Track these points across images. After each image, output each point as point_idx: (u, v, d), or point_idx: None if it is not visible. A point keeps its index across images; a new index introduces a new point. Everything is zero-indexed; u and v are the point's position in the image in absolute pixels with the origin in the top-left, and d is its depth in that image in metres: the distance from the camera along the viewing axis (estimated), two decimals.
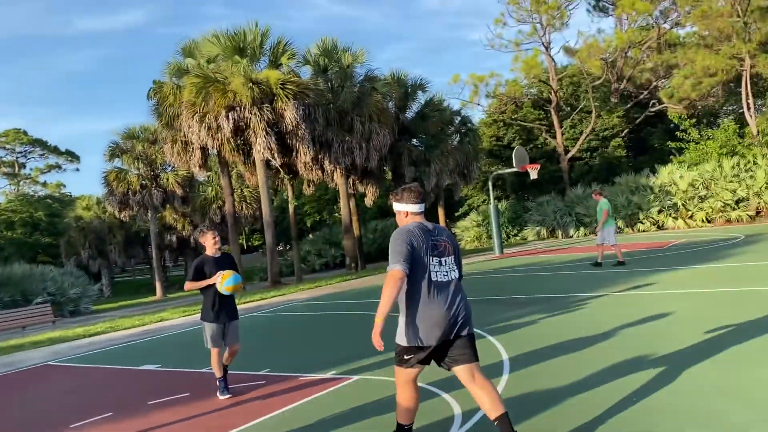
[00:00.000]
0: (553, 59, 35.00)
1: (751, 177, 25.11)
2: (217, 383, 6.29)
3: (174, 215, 36.81)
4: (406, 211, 4.01)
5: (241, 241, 44.51)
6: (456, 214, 39.33)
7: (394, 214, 21.88)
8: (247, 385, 6.61)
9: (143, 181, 30.84)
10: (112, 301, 31.54)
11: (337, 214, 39.47)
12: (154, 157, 30.76)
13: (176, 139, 21.49)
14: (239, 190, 34.34)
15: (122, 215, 32.38)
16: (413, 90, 26.22)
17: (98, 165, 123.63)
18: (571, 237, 28.89)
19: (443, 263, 3.84)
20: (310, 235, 40.18)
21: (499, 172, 30.47)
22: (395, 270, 3.67)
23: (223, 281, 6.06)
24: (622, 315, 8.24)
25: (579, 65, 34.55)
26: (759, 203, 25.06)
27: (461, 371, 3.83)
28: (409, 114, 26.63)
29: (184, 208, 34.92)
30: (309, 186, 26.18)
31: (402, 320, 3.87)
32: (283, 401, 5.85)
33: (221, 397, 6.15)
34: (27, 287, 22.35)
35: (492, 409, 3.78)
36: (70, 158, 62.15)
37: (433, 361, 3.90)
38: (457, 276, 3.91)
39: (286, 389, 6.32)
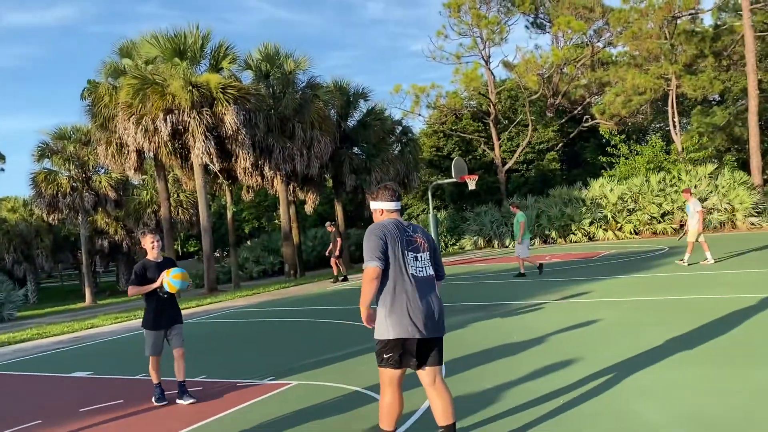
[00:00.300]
0: (492, 73, 35.97)
1: (675, 191, 26.44)
2: (154, 390, 6.19)
3: (106, 219, 35.68)
4: (381, 209, 4.04)
5: (176, 247, 43.38)
6: None
7: (332, 222, 21.82)
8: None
9: (74, 183, 29.76)
10: (39, 308, 30.18)
11: (276, 221, 39.14)
12: (86, 158, 29.71)
13: (111, 141, 20.89)
14: (175, 195, 33.59)
15: (51, 218, 31.11)
16: (355, 98, 26.40)
17: (24, 165, 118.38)
18: (507, 247, 29.64)
19: (419, 258, 3.89)
20: (249, 242, 39.71)
21: (439, 182, 30.98)
22: (370, 267, 3.74)
23: (169, 274, 5.96)
24: (554, 322, 8.59)
25: (517, 79, 35.62)
26: (683, 217, 26.44)
27: (426, 373, 3.88)
28: (351, 122, 26.78)
29: (117, 212, 33.89)
30: (248, 192, 25.91)
31: (381, 313, 3.85)
32: (220, 407, 5.83)
33: (156, 403, 6.06)
34: None
35: (443, 417, 3.87)
36: None
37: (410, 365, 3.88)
38: (432, 273, 3.97)
39: (223, 395, 6.29)
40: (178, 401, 6.06)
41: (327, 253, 19.88)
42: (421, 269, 3.88)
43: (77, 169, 29.91)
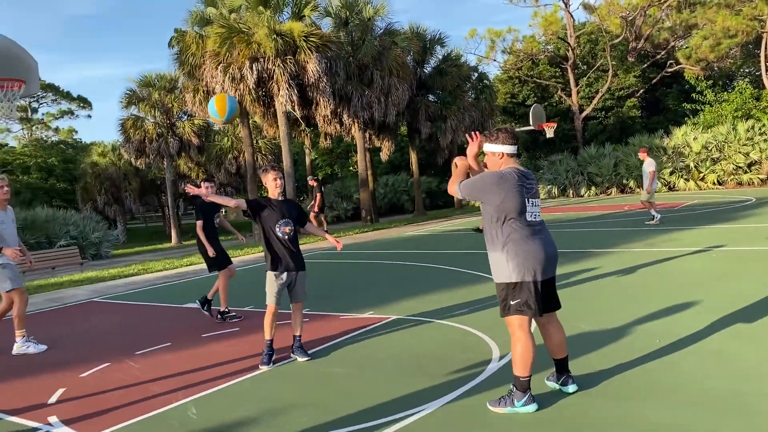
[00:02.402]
0: (572, 16, 34.68)
1: (765, 140, 25.24)
2: (264, 348, 5.60)
3: (189, 164, 37.16)
4: (501, 152, 3.99)
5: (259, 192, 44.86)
6: None
7: (405, 170, 22.54)
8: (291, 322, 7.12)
9: (159, 130, 31.09)
10: (128, 247, 32.22)
11: (352, 168, 39.77)
12: (170, 105, 30.93)
13: (198, 89, 21.71)
14: (255, 141, 34.59)
15: (138, 163, 32.72)
16: (432, 44, 26.24)
17: (111, 112, 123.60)
18: (582, 196, 29.24)
19: (535, 204, 3.95)
20: (323, 188, 40.66)
21: (516, 129, 30.62)
22: (454, 188, 4.10)
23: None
24: (643, 269, 8.71)
25: (598, 23, 34.26)
26: None
27: (549, 314, 4.05)
28: (427, 69, 26.69)
29: (199, 158, 35.23)
30: (326, 139, 26.46)
31: (502, 258, 3.89)
32: (330, 336, 6.37)
33: (262, 368, 5.45)
34: (50, 230, 22.94)
35: (560, 350, 4.14)
36: (82, 104, 62.08)
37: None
38: (541, 218, 4.09)
39: (329, 326, 6.85)
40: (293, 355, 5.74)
41: (308, 208, 19.09)
42: (537, 214, 3.96)
43: (162, 115, 31.19)
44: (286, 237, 5.59)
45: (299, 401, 4.54)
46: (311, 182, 19.66)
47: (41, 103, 60.76)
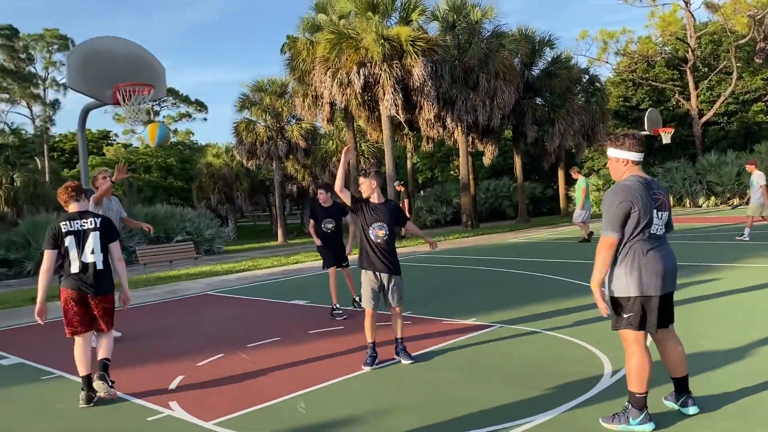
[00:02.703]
0: (693, 15, 32.70)
1: None
2: (367, 350, 5.67)
3: (295, 166, 38.44)
4: (626, 159, 3.79)
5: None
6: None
7: (507, 174, 22.37)
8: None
9: (269, 133, 32.38)
10: (238, 244, 33.80)
11: (453, 172, 39.62)
12: (280, 109, 32.16)
13: (307, 93, 22.41)
14: (359, 145, 35.26)
15: (249, 164, 34.28)
16: (541, 46, 25.65)
17: (222, 115, 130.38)
18: (700, 206, 27.48)
19: (660, 217, 3.75)
20: (422, 192, 40.73)
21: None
22: (609, 237, 3.65)
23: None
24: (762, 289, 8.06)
25: (722, 22, 32.08)
26: None
27: (665, 329, 3.85)
28: (535, 71, 26.10)
29: (305, 160, 36.38)
30: (428, 143, 26.50)
31: (620, 271, 3.72)
32: (433, 340, 6.35)
33: (365, 368, 5.47)
34: (169, 226, 24.49)
35: (679, 368, 3.89)
36: (199, 108, 65.87)
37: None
38: (664, 230, 3.85)
39: (432, 330, 6.83)
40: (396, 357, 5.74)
41: None
42: (660, 227, 3.77)
43: (272, 119, 32.50)
44: (379, 240, 5.57)
45: (403, 403, 4.56)
46: (398, 187, 20.12)
47: (162, 106, 65.02)
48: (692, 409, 3.90)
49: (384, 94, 19.51)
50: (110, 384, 4.98)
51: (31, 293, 12.06)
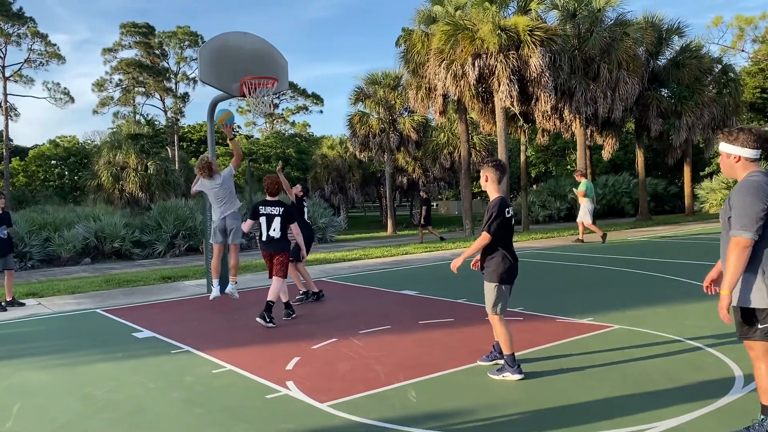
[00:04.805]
0: None
1: None
2: (508, 361, 5.00)
3: (406, 158, 38.75)
4: (738, 155, 3.52)
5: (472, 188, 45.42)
6: (701, 173, 35.86)
7: (627, 170, 21.60)
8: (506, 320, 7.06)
9: (382, 125, 32.84)
10: (349, 233, 34.62)
11: (569, 167, 38.32)
12: (393, 102, 32.51)
13: (420, 86, 22.47)
14: (471, 137, 34.94)
15: (362, 156, 34.98)
16: (668, 34, 24.12)
17: (336, 108, 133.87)
18: None
19: None
20: (535, 186, 39.71)
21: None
22: (744, 239, 3.36)
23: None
24: None
25: None
26: None
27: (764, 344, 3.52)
28: (661, 61, 24.61)
29: (416, 152, 36.60)
30: (543, 135, 25.75)
31: (755, 278, 3.43)
32: (545, 339, 6.18)
33: (514, 377, 4.92)
34: None
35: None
36: (315, 101, 68.08)
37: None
38: None
39: (546, 328, 6.65)
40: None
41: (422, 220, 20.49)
42: None
43: (385, 111, 32.93)
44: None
45: (515, 399, 4.48)
46: (423, 194, 20.95)
47: (281, 100, 67.81)
48: None
49: (499, 86, 19.17)
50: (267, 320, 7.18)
51: (162, 272, 13.03)
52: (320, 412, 4.38)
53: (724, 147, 3.59)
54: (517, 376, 4.88)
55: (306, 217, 9.07)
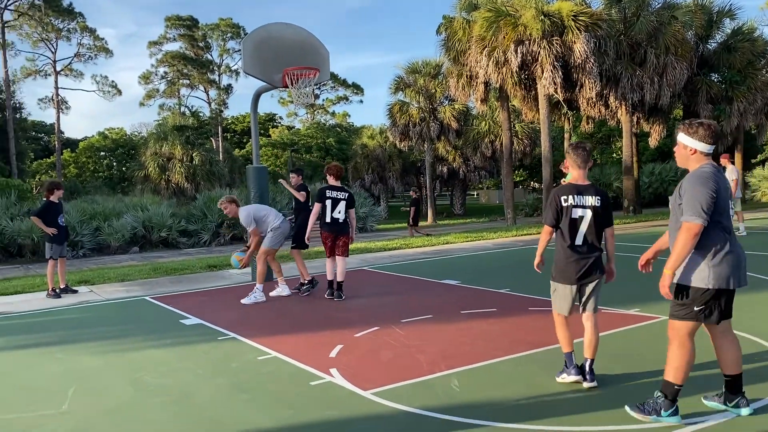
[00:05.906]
0: None
1: None
2: (566, 360, 4.66)
3: (447, 147, 38.50)
4: (693, 148, 3.70)
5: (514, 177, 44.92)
6: (753, 161, 34.62)
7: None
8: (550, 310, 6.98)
9: (422, 114, 32.68)
10: (389, 223, 34.64)
11: (615, 155, 37.52)
12: (433, 90, 32.29)
13: (462, 74, 22.27)
14: (512, 126, 34.49)
15: (402, 145, 34.88)
16: (719, 17, 23.31)
17: (376, 97, 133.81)
18: None
19: (731, 206, 3.79)
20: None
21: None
22: (695, 224, 3.53)
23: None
24: None
25: None
26: None
27: (721, 324, 3.81)
28: (711, 45, 23.81)
29: (457, 141, 36.32)
30: (588, 123, 25.26)
31: (697, 260, 3.65)
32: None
33: (570, 378, 4.56)
34: None
35: (734, 366, 3.85)
36: (355, 90, 68.15)
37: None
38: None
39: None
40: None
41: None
42: (730, 217, 3.74)
43: (426, 100, 32.74)
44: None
45: (559, 389, 4.44)
46: (412, 194, 21.14)
47: (322, 90, 68.13)
48: (745, 411, 3.82)
49: (542, 72, 18.87)
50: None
51: (208, 261, 13.30)
52: (363, 400, 4.42)
53: (682, 138, 3.77)
54: (573, 378, 4.53)
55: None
